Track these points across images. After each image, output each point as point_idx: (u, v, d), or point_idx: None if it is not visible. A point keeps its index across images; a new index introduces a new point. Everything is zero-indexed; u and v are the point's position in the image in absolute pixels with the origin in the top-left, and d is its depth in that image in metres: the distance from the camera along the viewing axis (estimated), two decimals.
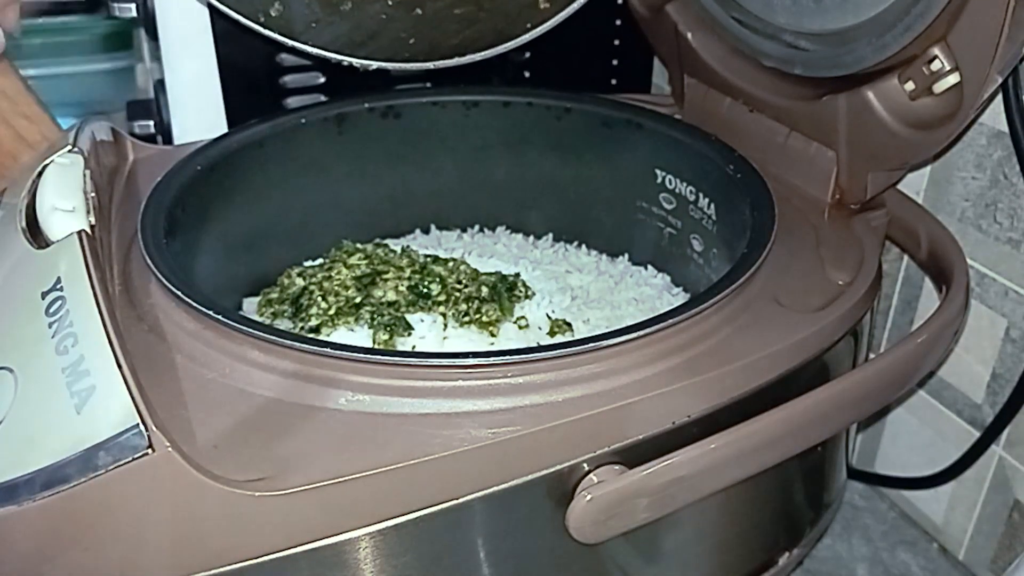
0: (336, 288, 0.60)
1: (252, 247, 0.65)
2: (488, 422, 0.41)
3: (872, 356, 0.56)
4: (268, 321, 0.60)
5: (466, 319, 0.58)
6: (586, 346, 0.44)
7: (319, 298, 0.60)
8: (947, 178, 0.62)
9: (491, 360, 0.43)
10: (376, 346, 0.57)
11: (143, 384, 0.38)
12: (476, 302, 0.59)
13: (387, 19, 0.64)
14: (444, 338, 0.58)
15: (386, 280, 0.60)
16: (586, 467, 0.43)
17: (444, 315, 0.59)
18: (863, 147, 0.56)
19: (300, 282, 0.62)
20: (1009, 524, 0.63)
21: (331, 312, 0.59)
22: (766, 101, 0.62)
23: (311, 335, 0.58)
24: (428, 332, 0.58)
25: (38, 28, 0.97)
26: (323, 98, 0.74)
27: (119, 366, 0.38)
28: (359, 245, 0.69)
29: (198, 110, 0.71)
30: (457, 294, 0.59)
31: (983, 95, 0.49)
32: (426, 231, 0.72)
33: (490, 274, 0.61)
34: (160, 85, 0.72)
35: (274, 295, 0.63)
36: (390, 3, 0.64)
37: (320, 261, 0.68)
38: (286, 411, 0.42)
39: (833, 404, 0.48)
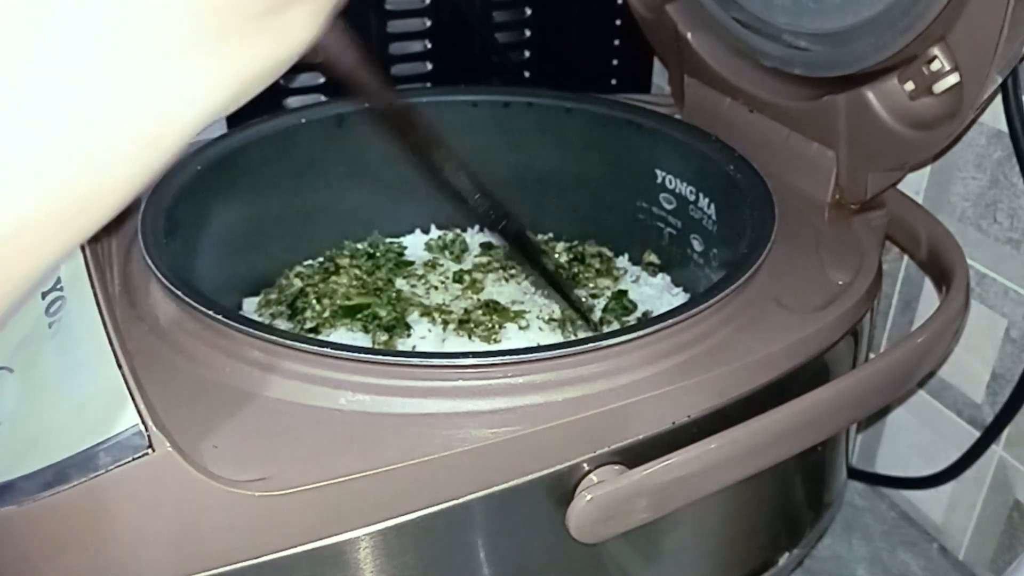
0: (334, 288, 0.61)
1: (252, 247, 0.65)
2: (488, 422, 0.41)
3: (872, 356, 0.56)
4: (267, 321, 0.60)
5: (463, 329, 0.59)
6: (586, 346, 0.44)
7: (314, 300, 0.60)
8: (947, 178, 0.62)
9: (491, 360, 0.43)
10: (376, 346, 0.57)
11: (143, 384, 0.38)
12: (469, 324, 0.59)
13: None
14: (443, 340, 0.58)
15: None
16: (586, 467, 0.43)
17: (445, 321, 0.59)
18: (863, 147, 0.56)
19: (298, 283, 0.63)
20: (1009, 524, 0.63)
21: (325, 315, 0.59)
22: (766, 101, 0.62)
23: (311, 335, 0.58)
24: (428, 333, 0.58)
25: None
26: (323, 98, 0.74)
27: (119, 366, 0.38)
28: (359, 246, 0.69)
29: None
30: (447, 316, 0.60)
31: (983, 95, 0.49)
32: (426, 231, 0.72)
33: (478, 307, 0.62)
34: None
35: (273, 296, 0.63)
36: None
37: (320, 261, 0.68)
38: (286, 411, 0.42)
39: (833, 404, 0.48)
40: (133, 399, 0.37)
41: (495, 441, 0.41)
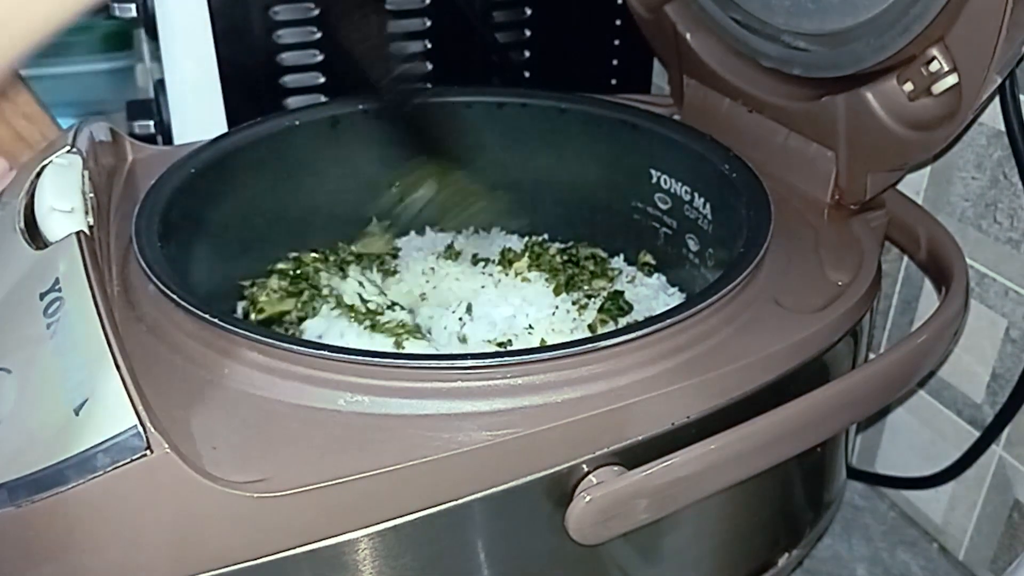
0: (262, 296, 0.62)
1: (248, 249, 0.64)
2: (487, 423, 0.41)
3: (872, 356, 0.56)
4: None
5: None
6: (585, 346, 0.44)
7: (252, 313, 0.61)
8: (947, 178, 0.62)
9: (490, 361, 0.43)
10: None
11: (142, 385, 0.38)
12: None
13: None
14: (341, 334, 0.58)
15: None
16: (585, 468, 0.43)
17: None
18: (862, 147, 0.56)
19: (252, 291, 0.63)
20: (1009, 524, 0.63)
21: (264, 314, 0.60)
22: (765, 102, 0.62)
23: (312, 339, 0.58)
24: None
25: None
26: (323, 98, 0.74)
27: (118, 367, 0.38)
28: (353, 247, 0.69)
29: (198, 110, 0.71)
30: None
31: (982, 96, 0.49)
32: (421, 232, 0.72)
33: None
34: (160, 85, 0.72)
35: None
36: None
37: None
38: (285, 412, 0.42)
39: (833, 404, 0.48)
40: (131, 400, 0.37)
41: (494, 442, 0.41)
